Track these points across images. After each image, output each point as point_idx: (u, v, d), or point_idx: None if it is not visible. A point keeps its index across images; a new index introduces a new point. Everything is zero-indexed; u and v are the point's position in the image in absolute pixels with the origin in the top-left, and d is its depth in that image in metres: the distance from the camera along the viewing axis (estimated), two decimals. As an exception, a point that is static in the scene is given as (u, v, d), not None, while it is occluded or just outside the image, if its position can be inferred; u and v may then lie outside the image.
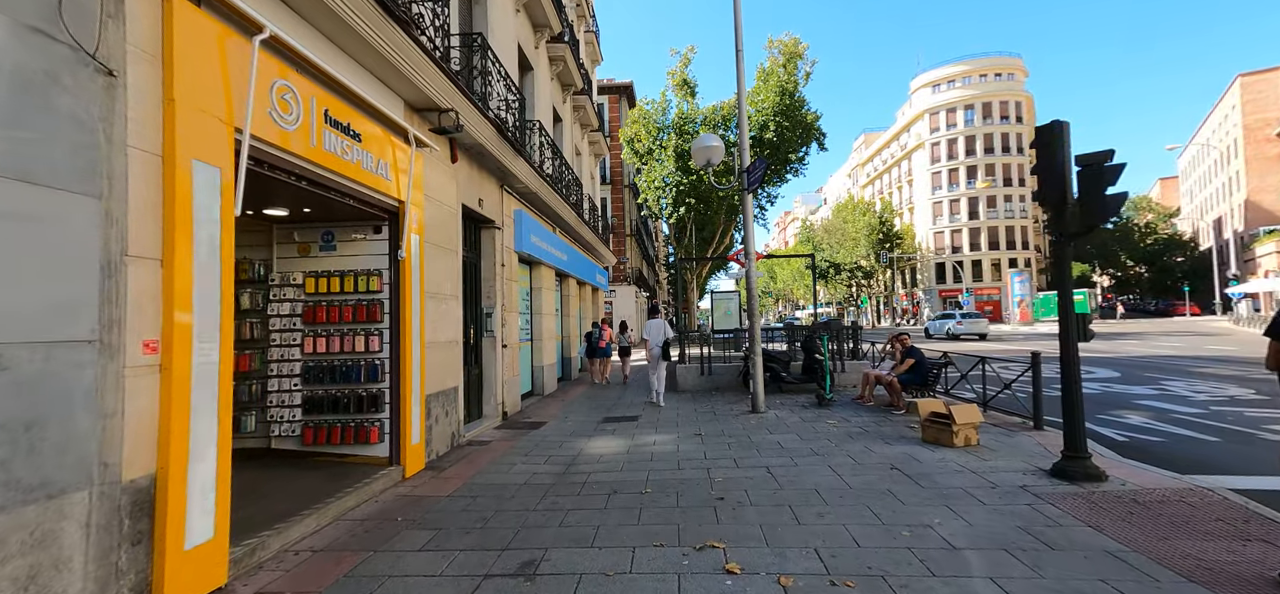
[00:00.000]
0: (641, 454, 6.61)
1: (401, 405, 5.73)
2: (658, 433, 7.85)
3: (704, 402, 10.54)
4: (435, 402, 6.62)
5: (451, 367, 7.17)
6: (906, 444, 6.51)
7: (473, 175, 8.21)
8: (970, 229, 62.57)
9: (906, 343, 9.04)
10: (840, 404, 9.63)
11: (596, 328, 14.97)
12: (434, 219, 6.78)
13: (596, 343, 14.54)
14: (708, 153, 9.44)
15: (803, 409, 9.28)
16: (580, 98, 16.56)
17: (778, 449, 6.57)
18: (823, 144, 31.39)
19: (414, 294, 5.95)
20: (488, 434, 8.06)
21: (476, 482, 5.62)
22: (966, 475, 5.20)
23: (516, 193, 10.20)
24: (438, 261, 6.86)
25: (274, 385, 5.67)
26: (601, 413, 9.83)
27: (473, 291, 8.78)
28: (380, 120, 5.42)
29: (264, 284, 5.79)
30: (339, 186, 4.83)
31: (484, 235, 9.14)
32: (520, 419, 9.28)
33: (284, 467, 5.53)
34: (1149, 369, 13.47)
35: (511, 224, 10.06)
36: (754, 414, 8.96)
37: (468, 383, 8.33)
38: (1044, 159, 5.10)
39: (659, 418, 9.07)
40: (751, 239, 9.43)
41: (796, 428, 7.76)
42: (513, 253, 10.14)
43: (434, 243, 6.75)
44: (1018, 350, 20.98)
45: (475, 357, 8.69)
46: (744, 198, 9.47)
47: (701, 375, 12.22)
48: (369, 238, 5.88)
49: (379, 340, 5.74)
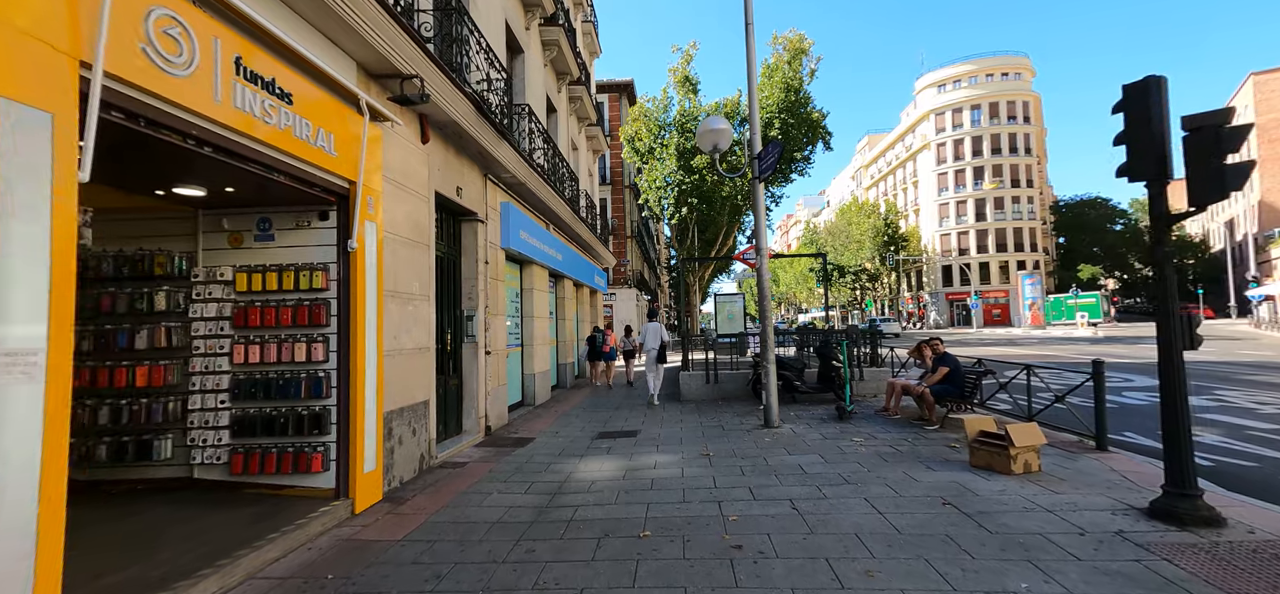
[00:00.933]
0: (640, 480, 5.62)
1: (352, 426, 4.76)
2: (659, 451, 6.87)
3: (710, 413, 9.55)
4: (398, 419, 5.65)
5: (420, 378, 6.20)
6: (952, 469, 5.51)
7: (449, 160, 7.25)
8: (977, 231, 61.50)
9: (939, 349, 8.05)
10: (862, 417, 8.64)
11: (600, 332, 14.99)
12: (398, 207, 5.82)
13: (600, 347, 14.63)
14: (714, 137, 8.48)
15: (821, 423, 8.28)
16: (577, 89, 15.64)
17: (800, 475, 5.58)
18: (829, 143, 30.48)
19: (369, 293, 4.99)
20: (466, 453, 7.08)
21: (440, 519, 4.64)
22: (1040, 515, 4.21)
23: (503, 183, 9.24)
24: (403, 256, 5.90)
25: (196, 403, 4.70)
26: (597, 426, 8.85)
27: (451, 292, 7.82)
28: (323, 82, 4.46)
29: (186, 280, 4.83)
30: (260, 158, 3.87)
31: (464, 229, 8.18)
32: (506, 434, 8.30)
33: (203, 502, 4.56)
34: (1191, 376, 12.41)
35: (497, 218, 9.10)
36: (767, 429, 7.97)
37: (443, 395, 7.35)
38: (1136, 125, 4.12)
39: (661, 432, 8.09)
40: (763, 232, 8.46)
41: (818, 447, 6.77)
42: (499, 250, 9.18)
43: (398, 234, 5.79)
44: (1036, 356, 19.97)
45: (453, 365, 7.72)
46: (755, 188, 8.50)
47: (707, 383, 11.24)
48: (314, 225, 4.92)
49: (324, 348, 4.78)
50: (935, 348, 8.13)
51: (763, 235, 8.45)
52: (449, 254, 7.78)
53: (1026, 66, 62.40)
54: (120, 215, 4.84)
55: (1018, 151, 60.86)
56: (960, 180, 62.56)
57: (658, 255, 55.11)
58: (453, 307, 7.85)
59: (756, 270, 8.45)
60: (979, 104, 61.84)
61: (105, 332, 4.70)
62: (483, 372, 8.15)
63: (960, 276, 61.60)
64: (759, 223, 8.52)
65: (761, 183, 8.39)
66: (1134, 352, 20.67)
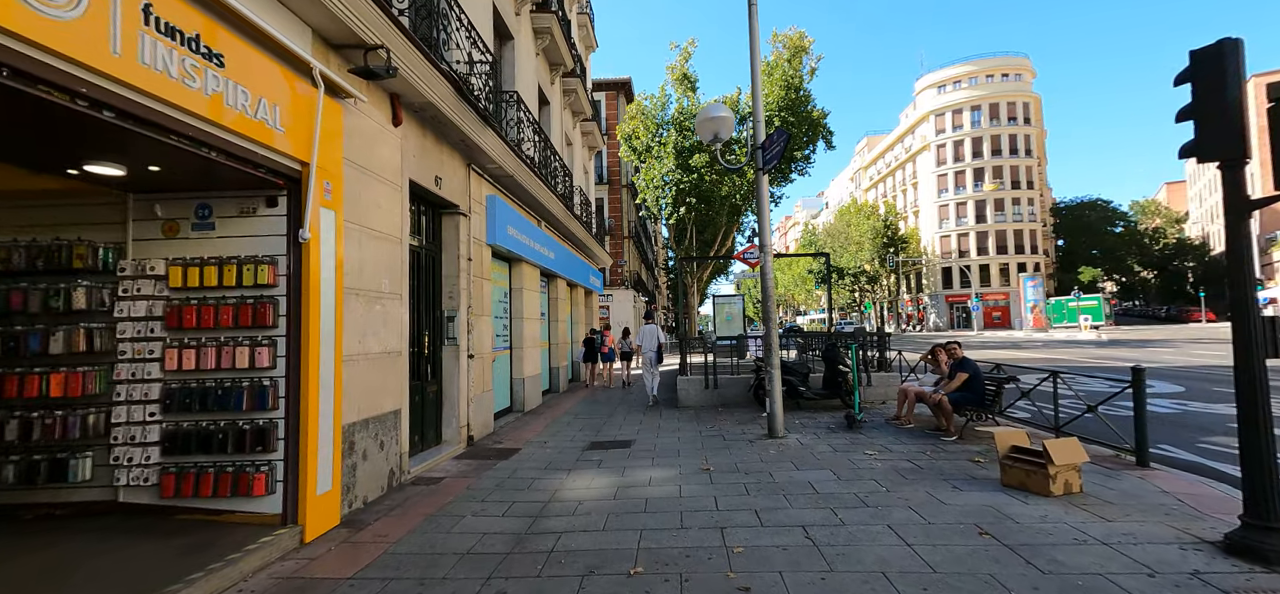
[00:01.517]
0: (633, 500, 5.03)
1: (303, 441, 4.16)
2: (655, 465, 6.27)
3: (709, 421, 8.95)
4: (362, 432, 5.05)
5: (389, 385, 5.60)
6: (983, 489, 4.93)
7: (426, 146, 6.65)
8: (977, 233, 61.04)
9: (957, 354, 7.46)
10: (873, 426, 8.05)
11: (597, 333, 15.24)
12: (364, 194, 5.22)
13: (598, 348, 14.83)
14: (715, 125, 7.89)
15: (830, 433, 7.70)
16: (571, 81, 15.05)
17: (811, 495, 4.98)
18: (830, 142, 30.02)
19: (326, 289, 4.39)
20: (443, 467, 6.48)
21: (401, 550, 4.03)
22: (1097, 550, 3.62)
23: (489, 175, 8.65)
24: (369, 249, 5.30)
25: (122, 415, 4.09)
26: (589, 434, 8.25)
27: (429, 290, 7.22)
28: (265, 45, 3.87)
29: (111, 275, 4.22)
30: (181, 128, 3.27)
31: (445, 223, 7.58)
32: (489, 444, 7.69)
33: (127, 531, 3.95)
34: (1216, 382, 11.88)
35: (483, 212, 8.51)
36: (772, 439, 7.38)
37: (420, 404, 6.75)
38: (1208, 96, 3.57)
39: (656, 442, 7.49)
40: (767, 228, 7.87)
41: (828, 460, 6.18)
42: (485, 246, 8.58)
43: (363, 225, 5.19)
44: (1044, 360, 19.42)
45: (431, 370, 7.12)
46: (758, 181, 7.92)
47: (706, 389, 10.65)
48: (261, 213, 4.32)
49: (271, 352, 4.17)
50: (952, 352, 7.54)
51: (766, 231, 7.87)
52: (427, 249, 7.18)
53: (1027, 67, 62.03)
54: (32, 200, 4.23)
55: (1018, 153, 60.45)
56: (960, 182, 62.12)
57: (655, 256, 54.55)
58: (432, 307, 7.24)
59: (759, 269, 7.87)
60: (979, 105, 61.43)
61: (14, 333, 4.09)
62: (464, 377, 7.55)
63: (960, 279, 61.14)
64: (762, 218, 7.94)
65: (765, 175, 7.81)
66: (1144, 355, 20.14)
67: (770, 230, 7.92)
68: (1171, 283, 65.74)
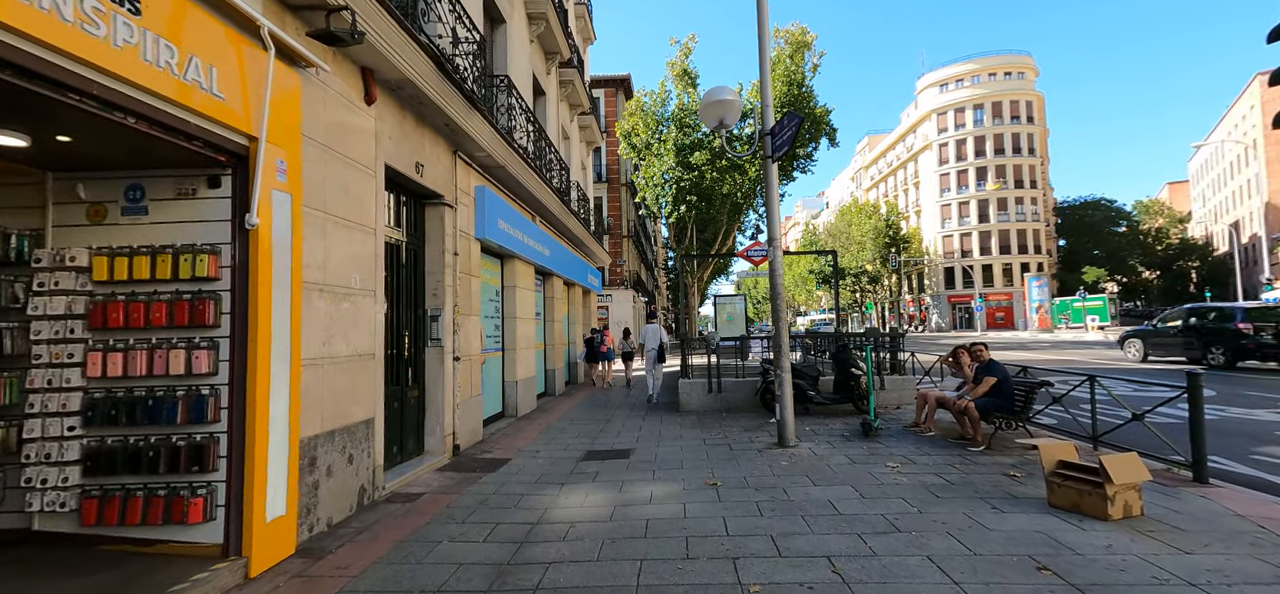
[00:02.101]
0: (631, 522, 4.45)
1: (249, 459, 3.58)
2: (656, 480, 5.70)
3: (714, 427, 8.38)
4: (326, 445, 4.47)
5: (361, 391, 5.02)
6: (1028, 511, 4.35)
7: (406, 130, 6.08)
8: (980, 233, 60.49)
9: (982, 356, 6.89)
10: (890, 434, 7.48)
11: (597, 333, 15.25)
12: (329, 178, 4.65)
13: (598, 348, 14.81)
14: (720, 109, 7.32)
15: (845, 442, 7.12)
16: (568, 72, 14.48)
17: (833, 516, 4.41)
18: (833, 139, 29.51)
19: (279, 284, 3.81)
20: (423, 480, 5.90)
21: (362, 588, 3.46)
22: (1182, 592, 3.04)
23: (478, 165, 8.07)
24: (336, 240, 4.72)
25: (36, 429, 3.51)
26: (585, 442, 7.68)
27: (411, 287, 6.64)
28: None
29: (24, 267, 3.65)
30: (81, 85, 2.69)
31: (428, 214, 7.00)
32: (477, 454, 7.12)
33: (41, 566, 3.37)
34: (1246, 386, 11.29)
35: (471, 204, 7.93)
36: (782, 449, 6.81)
37: (398, 411, 6.17)
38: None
39: (658, 452, 6.92)
40: (776, 219, 7.29)
41: (847, 475, 5.61)
42: (473, 240, 8.01)
43: (328, 211, 4.62)
44: (1054, 360, 18.84)
45: (413, 375, 6.54)
46: (767, 170, 7.35)
47: (709, 392, 10.07)
48: (202, 195, 3.74)
49: (211, 356, 3.59)
50: (977, 354, 6.97)
51: (776, 223, 7.29)
52: (409, 243, 6.60)
53: (1030, 65, 61.50)
54: (-69, 178, 3.66)
55: (1021, 152, 59.91)
56: (963, 181, 61.57)
57: (655, 256, 53.98)
58: (413, 305, 6.67)
59: (769, 264, 7.29)
60: (982, 104, 60.89)
61: (-92, 334, 3.52)
62: (450, 381, 6.97)
63: (963, 279, 60.59)
64: (771, 210, 7.36)
65: (775, 163, 7.24)
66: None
67: (778, 222, 7.35)
68: (1176, 283, 65.16)
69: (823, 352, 11.63)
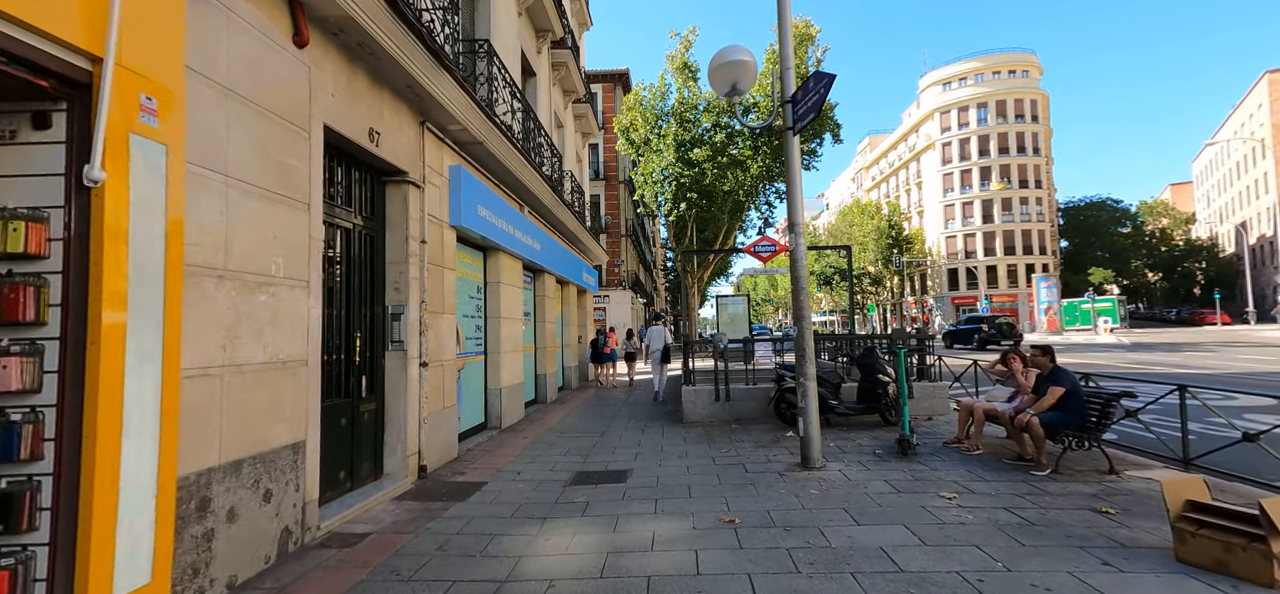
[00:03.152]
0: (628, 582, 3.39)
1: (88, 509, 2.53)
2: (659, 513, 4.64)
3: (723, 442, 7.32)
4: (229, 481, 3.40)
5: (284, 407, 3.95)
6: (1152, 568, 3.30)
7: (356, 87, 5.02)
8: (984, 233, 59.50)
9: (1043, 362, 5.82)
10: (929, 451, 6.43)
11: (601, 335, 16.12)
12: (235, 132, 3.59)
13: (602, 348, 15.60)
14: (732, 72, 6.28)
15: (878, 461, 6.06)
16: (561, 53, 13.43)
17: (896, 576, 3.35)
18: (837, 136, 28.60)
19: (144, 265, 2.75)
20: (376, 514, 4.83)
21: (235, 700, 2.39)
22: None
23: (452, 140, 7.02)
24: (246, 214, 3.66)
25: None
26: (576, 460, 6.62)
27: (368, 280, 5.58)
28: None
29: None
30: None
31: (390, 195, 5.94)
32: (447, 476, 6.05)
33: None
34: None
35: (444, 185, 6.88)
36: (807, 471, 5.75)
37: (347, 428, 5.10)
38: None
39: (660, 472, 5.86)
40: (798, 202, 6.24)
41: (894, 507, 4.55)
42: (448, 227, 6.96)
43: (232, 175, 3.56)
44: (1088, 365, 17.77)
45: (368, 384, 5.47)
46: (788, 144, 6.31)
47: (716, 401, 9.00)
48: (22, 139, 2.67)
49: (29, 367, 2.53)
50: (1037, 360, 5.91)
51: (798, 205, 6.23)
52: (363, 228, 5.54)
53: (1034, 63, 60.60)
54: None
55: (1026, 151, 58.96)
56: (966, 181, 60.60)
57: (654, 257, 52.95)
58: (369, 301, 5.60)
59: (790, 255, 6.24)
60: (985, 102, 59.94)
61: None
62: (415, 391, 5.91)
63: (966, 280, 59.61)
64: (793, 190, 6.30)
65: (796, 135, 6.19)
66: (1181, 360, 18.55)
67: (801, 206, 6.30)
68: (1182, 284, 64.29)
69: (842, 355, 10.57)
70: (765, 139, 26.91)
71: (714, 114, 26.99)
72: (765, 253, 13.28)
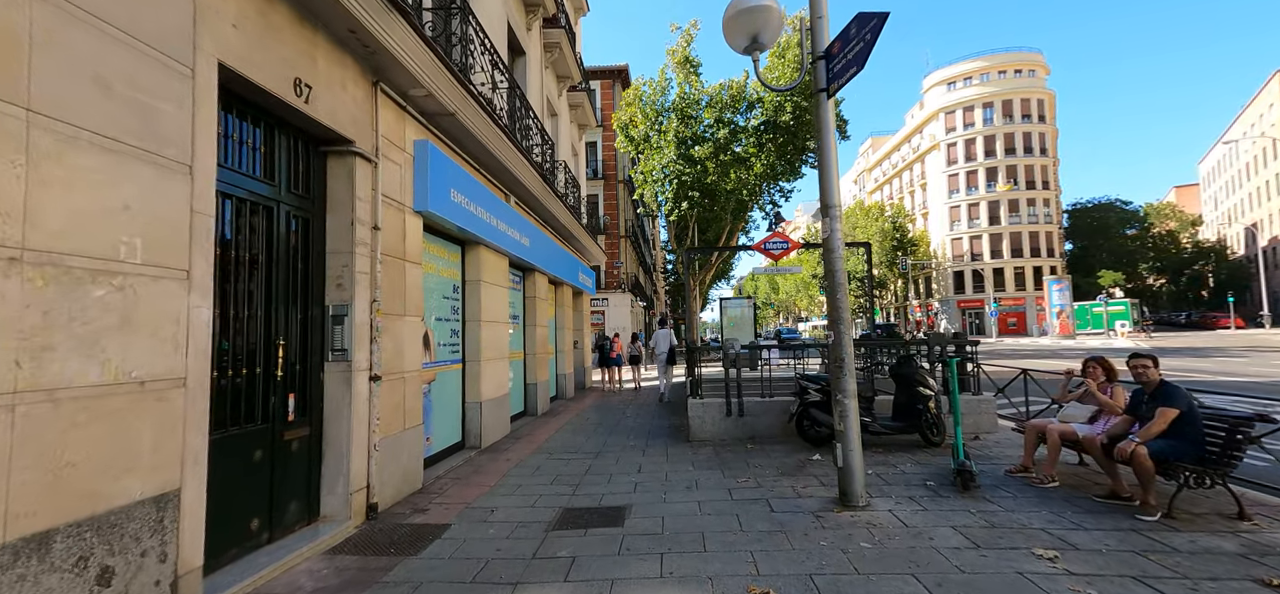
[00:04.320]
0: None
1: None
2: (665, 579, 3.51)
3: (739, 466, 6.18)
4: (25, 562, 2.26)
5: (138, 445, 2.82)
6: None
7: (273, 21, 3.89)
8: (991, 235, 58.37)
9: (1151, 375, 4.66)
10: (989, 482, 5.30)
11: (607, 340, 16.48)
12: (48, 44, 2.46)
13: (608, 352, 15.91)
14: (752, 21, 5.16)
15: (935, 497, 4.92)
16: (553, 33, 12.33)
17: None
18: (845, 132, 27.50)
19: None
20: (299, 573, 3.69)
21: None
22: None
23: (416, 108, 5.89)
24: (65, 167, 2.53)
25: None
26: (564, 491, 5.47)
27: (300, 274, 4.44)
28: None
29: None
30: None
31: (332, 169, 4.81)
32: (404, 515, 4.90)
33: None
34: None
35: (407, 162, 5.76)
36: (849, 511, 4.62)
37: (264, 463, 3.96)
38: None
39: (665, 512, 4.72)
40: (833, 177, 5.11)
41: (979, 574, 3.41)
42: (412, 213, 5.83)
43: (32, 107, 2.43)
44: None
45: (300, 405, 4.33)
46: (820, 108, 5.19)
47: (727, 415, 7.86)
48: None
49: None
50: (1144, 373, 4.71)
51: (833, 182, 5.09)
52: (293, 208, 4.40)
53: (1040, 63, 59.58)
54: None
55: (1033, 152, 57.88)
56: (972, 182, 59.51)
57: (654, 260, 51.82)
58: (301, 300, 4.46)
59: (824, 242, 5.09)
60: (991, 102, 58.89)
61: None
62: (363, 410, 4.76)
63: (973, 283, 58.51)
64: (826, 165, 5.18)
65: (830, 97, 5.07)
66: (1215, 366, 17.43)
67: (836, 183, 5.16)
68: (1191, 287, 63.12)
69: (872, 362, 9.42)
70: (770, 137, 25.88)
71: (717, 110, 25.94)
72: (777, 250, 12.18)
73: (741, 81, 27.48)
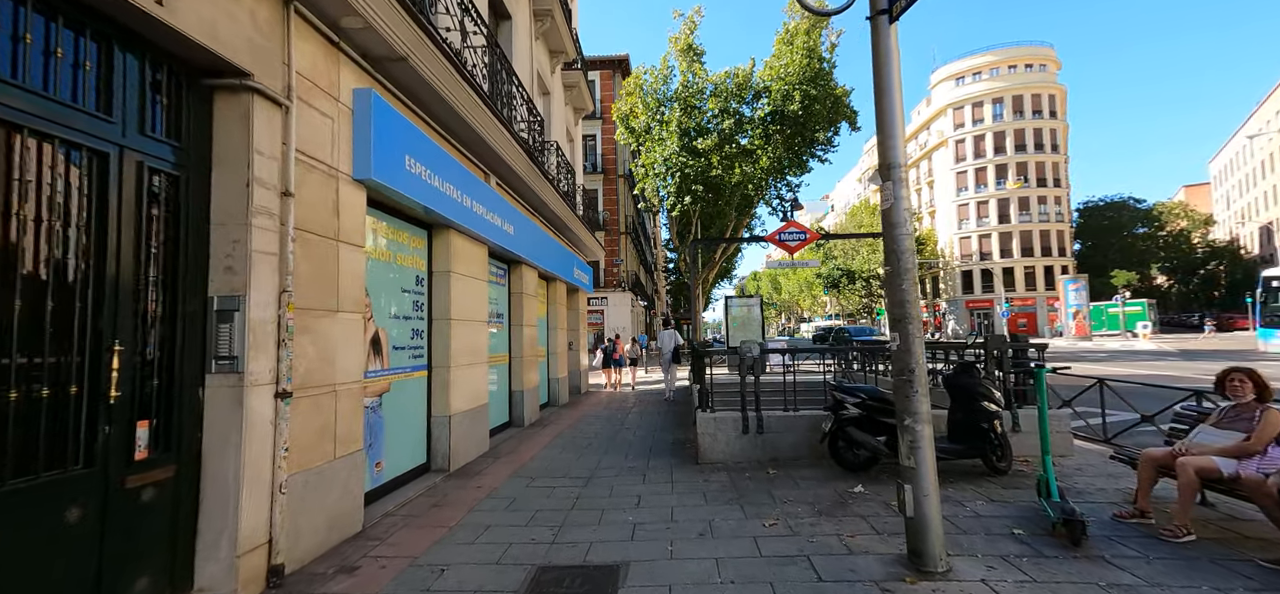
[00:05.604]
0: None
1: None
2: None
3: (764, 503, 4.90)
4: None
5: None
6: None
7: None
8: (1000, 234, 56.97)
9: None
10: (1096, 530, 4.02)
11: (610, 342, 16.70)
12: None
13: (611, 354, 16.07)
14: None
15: (1035, 555, 3.65)
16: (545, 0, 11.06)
17: None
18: (854, 123, 26.19)
19: None
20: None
21: None
22: None
23: (354, 46, 4.63)
24: None
25: None
26: (542, 535, 4.19)
27: (170, 256, 3.18)
28: None
29: None
30: None
31: (220, 111, 3.54)
32: (320, 581, 3.63)
33: None
34: None
35: (345, 115, 4.50)
36: (923, 580, 3.35)
37: (97, 523, 2.68)
38: None
39: (673, 585, 3.44)
40: (897, 126, 3.86)
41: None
42: (349, 182, 4.57)
43: None
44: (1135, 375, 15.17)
45: (159, 436, 3.06)
46: (881, 39, 3.92)
47: (744, 432, 6.59)
48: None
49: None
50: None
51: (897, 134, 3.84)
52: (149, 160, 3.13)
53: (1051, 57, 58.20)
54: None
55: (1043, 148, 56.47)
56: (981, 179, 58.12)
57: (654, 258, 50.52)
58: (166, 289, 3.20)
59: (883, 211, 3.83)
60: (1001, 97, 57.49)
61: None
62: (264, 438, 3.50)
63: (982, 282, 57.14)
64: (887, 106, 3.93)
65: (893, 21, 3.80)
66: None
67: (902, 136, 3.90)
68: (1205, 288, 61.66)
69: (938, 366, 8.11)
70: (777, 128, 24.61)
71: (721, 99, 24.69)
72: (793, 241, 10.91)
73: (747, 69, 26.22)
